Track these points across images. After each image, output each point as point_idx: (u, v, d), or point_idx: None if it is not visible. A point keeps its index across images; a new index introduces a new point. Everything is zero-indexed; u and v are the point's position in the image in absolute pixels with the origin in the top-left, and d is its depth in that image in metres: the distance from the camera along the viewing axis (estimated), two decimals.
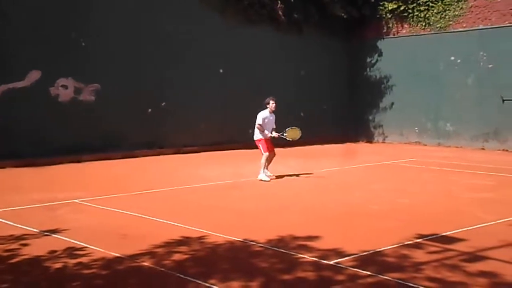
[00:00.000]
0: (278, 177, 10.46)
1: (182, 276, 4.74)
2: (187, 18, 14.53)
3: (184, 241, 5.85)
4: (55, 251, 5.43)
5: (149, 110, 14.14)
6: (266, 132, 9.97)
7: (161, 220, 6.84)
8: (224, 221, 6.86)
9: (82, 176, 10.75)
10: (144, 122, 13.99)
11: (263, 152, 9.95)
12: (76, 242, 5.78)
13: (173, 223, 6.65)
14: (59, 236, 6.05)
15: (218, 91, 15.29)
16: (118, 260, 5.19)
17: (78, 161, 12.30)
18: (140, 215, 7.13)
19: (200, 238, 5.95)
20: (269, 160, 10.15)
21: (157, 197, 8.57)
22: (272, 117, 10.07)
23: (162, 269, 4.94)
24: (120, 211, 7.40)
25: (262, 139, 9.99)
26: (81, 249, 5.53)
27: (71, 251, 5.44)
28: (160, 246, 5.61)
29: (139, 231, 6.35)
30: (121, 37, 13.45)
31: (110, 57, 13.27)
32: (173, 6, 14.30)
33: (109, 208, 7.56)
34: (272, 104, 9.97)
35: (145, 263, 5.10)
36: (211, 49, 15.11)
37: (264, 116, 9.95)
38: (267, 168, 10.13)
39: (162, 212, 7.25)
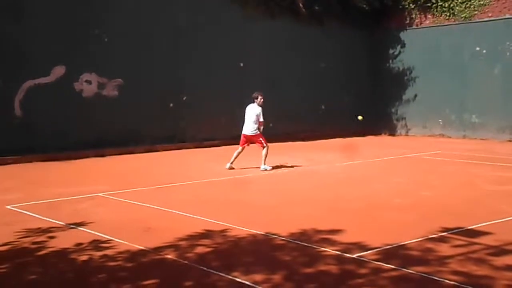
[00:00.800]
0: (298, 169, 10.43)
1: (205, 268, 4.77)
2: (207, 12, 14.55)
3: (207, 234, 5.89)
4: (81, 244, 5.53)
5: (171, 104, 14.24)
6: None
7: (183, 213, 6.90)
8: (245, 215, 6.88)
9: (105, 170, 10.91)
10: (165, 116, 14.10)
11: (265, 145, 10.22)
12: (101, 235, 5.87)
13: (195, 216, 6.70)
14: (84, 229, 6.16)
15: (238, 84, 15.28)
16: (142, 252, 5.26)
17: (102, 155, 12.48)
18: (162, 208, 7.21)
19: (222, 231, 5.98)
20: (240, 152, 10.46)
21: (178, 190, 8.65)
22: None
23: (186, 261, 4.99)
24: (143, 204, 7.49)
25: (259, 133, 10.32)
26: (106, 241, 5.62)
27: (96, 244, 5.54)
28: (183, 239, 5.66)
29: (162, 224, 6.42)
30: (143, 33, 13.55)
31: (132, 53, 13.39)
32: None
33: (132, 202, 7.66)
34: (260, 99, 10.22)
35: (169, 256, 5.16)
36: (231, 43, 15.11)
37: (259, 111, 10.15)
38: (232, 163, 10.41)
39: (183, 206, 7.30)
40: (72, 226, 6.31)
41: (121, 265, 4.91)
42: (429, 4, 16.62)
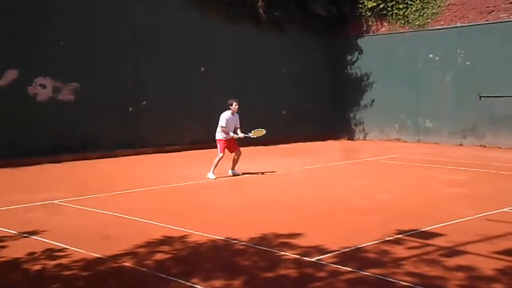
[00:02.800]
0: (260, 174, 10.48)
1: (164, 276, 4.72)
2: (167, 15, 14.42)
3: (166, 240, 5.82)
4: (34, 253, 5.35)
5: (130, 109, 14.02)
6: (231, 133, 10.17)
7: (142, 220, 6.80)
8: (206, 220, 6.85)
9: (61, 176, 10.61)
10: (124, 122, 13.86)
11: (218, 153, 10.12)
12: (55, 243, 5.70)
13: (154, 223, 6.61)
14: (38, 238, 5.97)
15: (200, 89, 15.23)
16: (99, 260, 5.15)
17: (57, 162, 12.12)
18: (120, 215, 7.08)
19: (182, 237, 5.93)
20: (236, 159, 10.38)
21: (138, 196, 8.51)
22: (236, 118, 10.32)
23: (144, 269, 4.92)
24: (101, 211, 7.33)
25: (222, 139, 10.19)
26: (61, 250, 5.46)
27: (50, 253, 5.37)
28: (141, 246, 5.58)
29: (120, 231, 6.30)
30: (100, 36, 13.29)
31: (89, 56, 13.10)
32: (152, 3, 14.18)
33: (89, 209, 7.48)
34: (235, 106, 10.23)
35: (127, 264, 5.07)
36: (192, 47, 15.04)
37: (227, 117, 10.16)
38: (234, 168, 10.36)
39: (143, 212, 7.20)
40: (24, 234, 6.10)
41: (77, 274, 4.79)
42: (385, 12, 17.10)
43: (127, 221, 6.82)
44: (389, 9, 16.95)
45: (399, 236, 5.88)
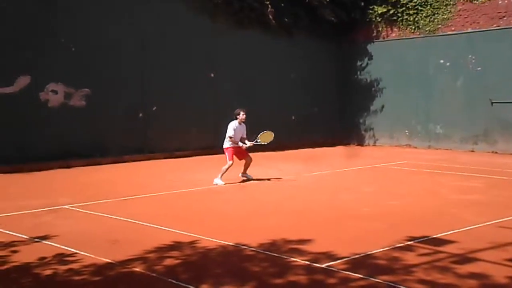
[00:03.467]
0: (268, 180, 10.47)
1: (174, 281, 4.71)
2: (175, 21, 14.50)
3: (176, 246, 5.82)
4: (45, 258, 5.38)
5: (140, 114, 14.09)
6: (239, 143, 10.23)
7: (152, 225, 6.80)
8: (215, 226, 6.84)
9: (71, 181, 10.67)
10: (134, 127, 13.93)
11: (227, 160, 10.18)
12: (66, 248, 5.73)
13: (164, 228, 6.62)
14: (48, 243, 5.99)
15: (209, 95, 15.27)
16: (109, 266, 5.15)
17: (68, 167, 12.20)
18: (130, 220, 7.09)
19: (191, 243, 5.93)
20: (247, 163, 10.48)
21: (147, 202, 8.53)
22: (243, 127, 10.44)
23: (154, 274, 4.92)
24: (110, 216, 7.35)
25: (229, 147, 10.26)
26: (71, 255, 5.48)
27: (61, 258, 5.39)
28: (151, 252, 5.58)
29: (129, 236, 6.31)
30: (111, 42, 13.40)
31: (100, 62, 13.21)
32: (161, 9, 14.28)
33: (99, 214, 7.51)
34: (242, 116, 10.35)
35: (137, 269, 5.07)
36: (201, 53, 15.10)
37: (234, 127, 10.26)
38: (246, 172, 10.53)
39: (152, 217, 7.21)
40: (35, 239, 6.13)
41: (87, 279, 4.80)
42: (395, 18, 17.06)
43: (136, 226, 6.84)
44: (399, 14, 16.91)
45: (409, 242, 5.82)
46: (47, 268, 5.07)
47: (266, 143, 10.79)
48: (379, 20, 17.38)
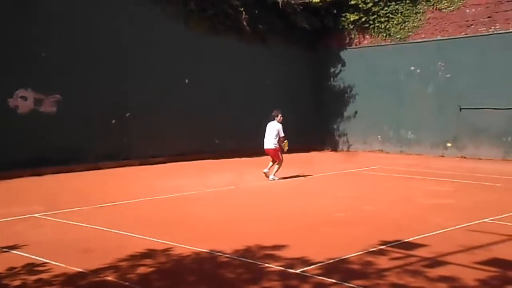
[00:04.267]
0: (244, 186, 10.47)
1: None
2: (150, 28, 14.42)
3: (149, 253, 5.76)
4: (14, 268, 5.25)
5: (113, 121, 13.92)
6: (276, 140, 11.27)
7: (125, 233, 6.72)
8: (190, 233, 6.81)
9: (42, 189, 10.45)
10: (108, 133, 13.74)
11: (281, 158, 11.30)
12: (36, 257, 5.60)
13: (138, 236, 6.54)
14: (18, 252, 5.85)
15: (184, 101, 15.21)
16: (80, 275, 5.07)
17: (39, 174, 11.95)
18: (103, 228, 6.99)
19: (165, 250, 5.88)
20: (273, 165, 11.36)
21: (121, 209, 8.42)
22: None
23: (127, 283, 4.85)
24: (83, 224, 7.23)
25: (279, 148, 11.32)
26: (41, 265, 5.36)
27: (31, 268, 5.28)
28: (124, 260, 5.51)
29: (102, 245, 6.22)
30: (83, 47, 13.22)
31: (71, 68, 13.02)
32: (137, 16, 14.18)
33: (71, 222, 7.38)
34: (280, 117, 11.52)
35: (109, 278, 5.00)
36: (176, 59, 15.04)
37: (279, 127, 11.34)
38: (270, 170, 11.33)
39: (126, 225, 7.12)
40: (4, 249, 5.98)
41: None
42: (367, 25, 17.36)
43: (109, 234, 6.74)
44: (371, 22, 17.22)
45: (382, 247, 5.91)
46: (16, 279, 4.95)
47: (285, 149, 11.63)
48: (352, 27, 17.66)
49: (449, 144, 11.15)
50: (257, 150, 16.31)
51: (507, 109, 14.55)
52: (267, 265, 5.31)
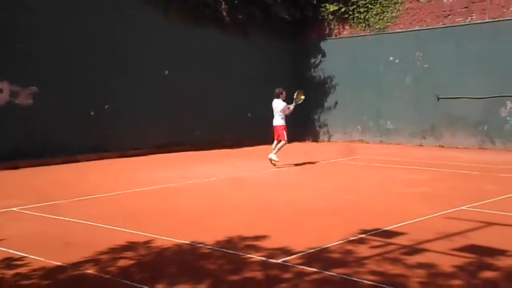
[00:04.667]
0: (225, 178, 10.47)
1: (128, 282, 4.64)
2: (128, 18, 14.22)
3: (130, 246, 5.73)
4: None
5: (92, 113, 13.72)
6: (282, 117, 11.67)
7: (105, 226, 6.66)
8: (171, 225, 6.78)
9: (19, 183, 10.27)
10: (86, 126, 13.55)
11: (286, 139, 11.62)
12: (13, 252, 5.52)
13: (118, 229, 6.49)
14: None
15: (163, 92, 15.08)
16: (59, 269, 5.01)
17: (15, 168, 11.74)
18: (82, 221, 6.91)
19: (146, 242, 5.85)
20: (277, 145, 11.74)
21: (100, 202, 8.34)
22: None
23: (107, 276, 4.82)
24: (61, 218, 7.14)
25: (285, 125, 11.74)
26: (20, 259, 5.29)
27: (8, 262, 5.20)
28: (104, 253, 5.47)
29: (82, 238, 6.15)
30: (60, 38, 12.97)
31: (48, 59, 12.77)
32: (115, 5, 13.96)
33: (49, 216, 7.28)
34: (284, 94, 11.91)
35: (89, 271, 4.95)
36: (155, 49, 14.88)
37: (284, 104, 11.68)
38: (276, 153, 11.66)
39: (106, 218, 7.06)
40: None
41: (36, 283, 4.65)
42: (346, 16, 17.42)
43: (89, 227, 6.67)
44: (350, 12, 17.28)
45: (362, 235, 5.99)
46: None
47: (301, 100, 12.26)
48: (331, 18, 17.70)
49: (302, 96, 11.81)
50: (238, 141, 16.34)
51: (484, 98, 14.83)
52: (248, 255, 5.33)
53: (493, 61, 14.58)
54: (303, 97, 12.34)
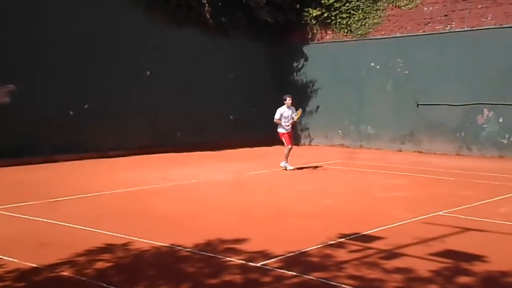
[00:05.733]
0: (207, 180, 10.42)
1: (105, 285, 4.57)
2: (111, 17, 14.08)
3: (108, 248, 5.65)
4: None
5: (71, 112, 13.52)
6: (284, 124, 11.60)
7: (82, 228, 6.56)
8: (150, 227, 6.71)
9: None
10: (65, 125, 13.35)
11: (286, 145, 11.67)
12: None
13: (95, 230, 6.40)
14: None
15: (145, 93, 14.96)
16: (34, 271, 4.91)
17: None
18: (60, 222, 6.80)
19: (124, 244, 5.78)
20: (287, 153, 11.68)
21: (78, 203, 8.21)
22: (290, 110, 11.78)
23: (84, 278, 4.74)
24: (38, 219, 7.01)
25: (284, 133, 11.67)
26: None
27: None
28: (81, 255, 5.38)
29: (58, 239, 6.05)
30: (40, 35, 12.76)
31: (27, 56, 12.55)
32: (97, 4, 13.80)
33: (25, 216, 7.14)
34: (288, 101, 11.70)
35: (65, 273, 4.87)
36: (137, 50, 14.76)
37: (281, 111, 11.68)
38: (287, 161, 11.72)
39: (83, 219, 6.95)
40: None
41: (10, 286, 4.55)
42: (329, 21, 17.56)
43: (66, 228, 6.56)
44: (333, 18, 17.42)
45: (341, 240, 6.02)
46: None
47: (298, 118, 12.12)
48: (314, 22, 17.82)
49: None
50: (219, 143, 16.31)
51: (462, 106, 15.09)
52: (228, 258, 5.31)
53: (472, 69, 14.87)
54: (299, 115, 12.21)
